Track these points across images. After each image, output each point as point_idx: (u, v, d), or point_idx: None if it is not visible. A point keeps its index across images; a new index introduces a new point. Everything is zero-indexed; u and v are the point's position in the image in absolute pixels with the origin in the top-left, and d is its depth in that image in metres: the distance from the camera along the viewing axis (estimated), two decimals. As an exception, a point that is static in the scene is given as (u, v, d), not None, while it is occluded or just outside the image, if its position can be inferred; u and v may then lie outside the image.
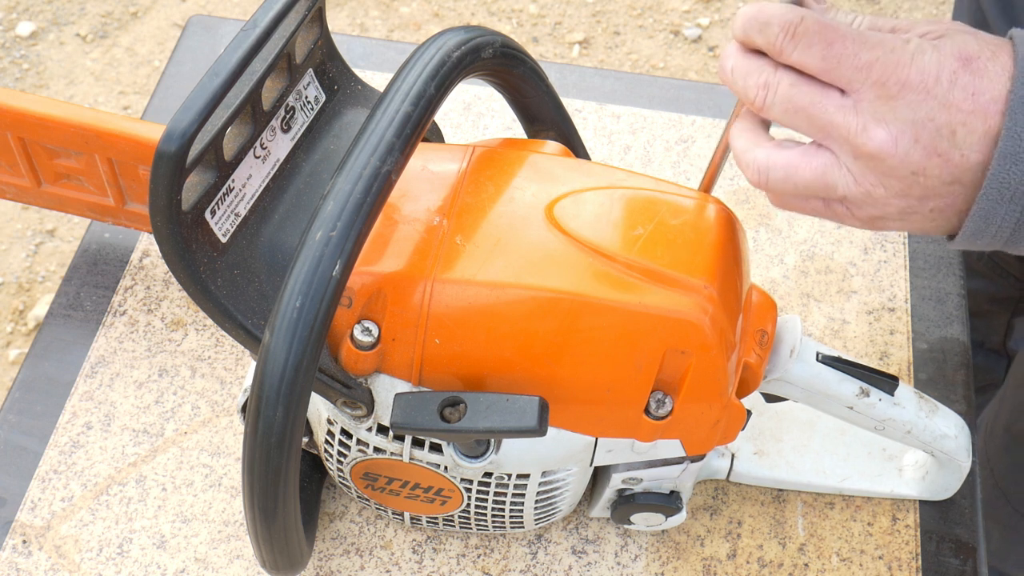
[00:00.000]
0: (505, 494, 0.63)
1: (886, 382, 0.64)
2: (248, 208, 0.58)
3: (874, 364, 0.79)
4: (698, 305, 0.55)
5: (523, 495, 0.63)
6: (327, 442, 0.63)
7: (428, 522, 0.68)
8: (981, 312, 1.06)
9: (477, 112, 0.92)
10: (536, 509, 0.65)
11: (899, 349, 0.80)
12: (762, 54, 0.53)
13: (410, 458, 0.61)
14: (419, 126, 0.54)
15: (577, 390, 0.57)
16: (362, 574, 0.70)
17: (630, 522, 0.68)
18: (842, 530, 0.72)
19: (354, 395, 0.57)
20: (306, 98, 0.63)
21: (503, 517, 0.65)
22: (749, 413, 0.61)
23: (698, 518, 0.72)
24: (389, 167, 0.52)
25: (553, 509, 0.66)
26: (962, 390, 0.78)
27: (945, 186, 0.51)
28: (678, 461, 0.63)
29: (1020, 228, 0.51)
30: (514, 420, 0.54)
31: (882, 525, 0.72)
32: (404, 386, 0.57)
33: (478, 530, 0.68)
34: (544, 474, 0.62)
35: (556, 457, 0.60)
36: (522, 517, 0.65)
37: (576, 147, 0.70)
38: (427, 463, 0.61)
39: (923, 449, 0.68)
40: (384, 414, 0.58)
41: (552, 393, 0.56)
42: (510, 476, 0.61)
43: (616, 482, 0.65)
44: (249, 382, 0.64)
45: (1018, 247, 0.53)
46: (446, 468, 0.61)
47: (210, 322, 0.80)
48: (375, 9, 2.15)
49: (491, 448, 0.59)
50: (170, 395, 0.76)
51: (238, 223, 0.58)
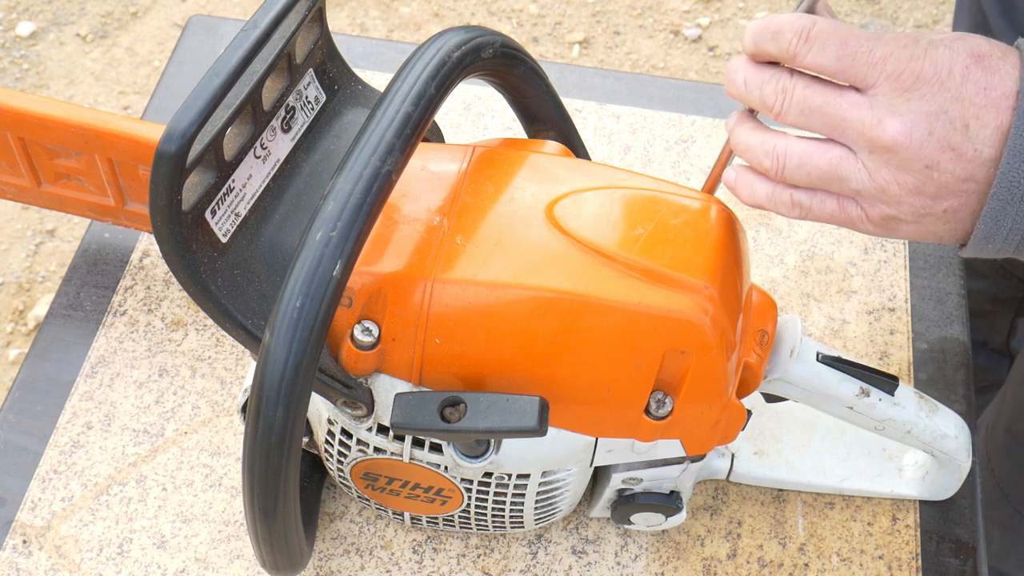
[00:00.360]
0: (505, 494, 0.63)
1: (886, 382, 0.64)
2: (248, 208, 0.58)
3: (874, 364, 0.79)
4: (698, 305, 0.55)
5: (523, 495, 0.63)
6: (327, 442, 0.63)
7: (428, 522, 0.68)
8: (984, 312, 1.06)
9: (477, 112, 0.92)
10: (536, 509, 0.65)
11: (899, 349, 0.80)
12: (772, 65, 0.54)
13: (410, 458, 0.61)
14: (419, 126, 0.54)
15: (577, 390, 0.57)
16: (362, 574, 0.70)
17: (630, 522, 0.68)
18: (842, 530, 0.72)
19: (354, 395, 0.57)
20: (306, 98, 0.63)
21: (503, 517, 0.65)
22: (749, 413, 0.61)
23: (698, 518, 0.72)
24: (389, 167, 0.52)
25: (553, 509, 0.66)
26: (962, 390, 0.78)
27: (959, 183, 0.52)
28: (678, 461, 0.63)
29: None
30: (514, 420, 0.54)
31: (882, 525, 0.72)
32: (404, 386, 0.57)
33: (478, 530, 0.68)
34: (544, 474, 0.62)
35: (556, 457, 0.60)
36: (522, 517, 0.65)
37: (576, 147, 0.70)
38: (427, 463, 0.61)
39: (923, 449, 0.68)
40: (384, 414, 0.58)
41: (552, 393, 0.56)
42: (510, 476, 0.61)
43: (616, 482, 0.65)
44: (249, 382, 0.64)
45: None
46: (446, 468, 0.61)
47: (210, 322, 0.80)
48: (375, 9, 2.15)
49: (491, 448, 0.59)
50: (170, 395, 0.76)
51: (238, 223, 0.58)
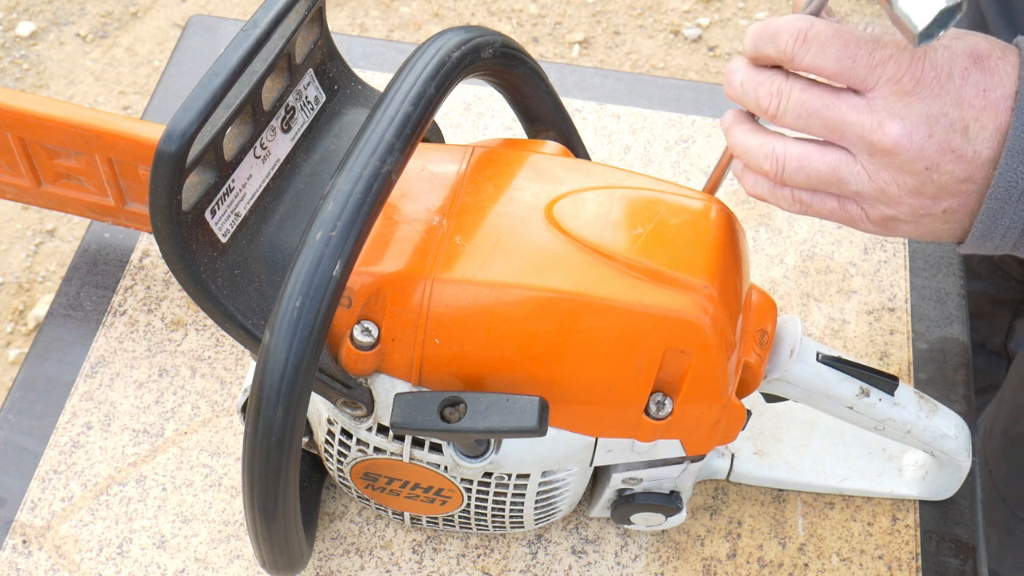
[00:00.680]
0: (505, 494, 0.63)
1: (886, 382, 0.64)
2: (248, 208, 0.58)
3: (874, 364, 0.79)
4: (698, 305, 0.55)
5: (523, 495, 0.63)
6: (327, 442, 0.63)
7: (428, 522, 0.68)
8: (982, 314, 1.06)
9: (477, 112, 0.92)
10: (536, 509, 0.65)
11: (899, 349, 0.80)
12: (771, 68, 0.54)
13: (410, 458, 0.61)
14: (419, 126, 0.54)
15: (577, 390, 0.57)
16: (362, 574, 0.70)
17: (630, 522, 0.68)
18: (842, 530, 0.72)
19: (354, 395, 0.57)
20: (306, 98, 0.63)
21: (503, 517, 0.65)
22: (749, 413, 0.61)
23: (698, 518, 0.72)
24: (389, 167, 0.52)
25: (553, 509, 0.66)
26: (962, 390, 0.78)
27: (958, 184, 0.52)
28: (678, 461, 0.63)
29: None
30: (514, 420, 0.54)
31: (882, 525, 0.72)
32: (404, 386, 0.57)
33: (478, 530, 0.68)
34: (544, 474, 0.62)
35: (556, 457, 0.60)
36: (522, 517, 0.65)
37: (576, 147, 0.70)
38: (427, 463, 0.61)
39: (923, 449, 0.68)
40: (384, 414, 0.58)
41: (552, 393, 0.56)
42: (510, 476, 0.61)
43: (616, 482, 0.65)
44: (249, 382, 0.64)
45: None
46: (446, 468, 0.61)
47: (210, 322, 0.80)
48: (375, 9, 2.15)
49: (491, 448, 0.59)
50: (170, 395, 0.76)
51: (238, 223, 0.58)
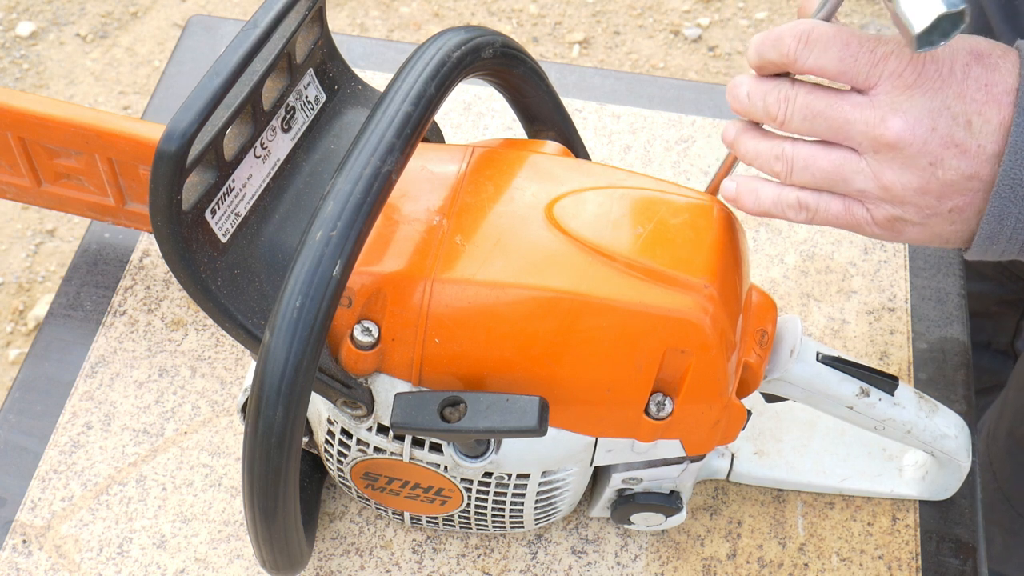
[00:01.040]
0: (505, 494, 0.63)
1: (886, 382, 0.64)
2: (248, 208, 0.58)
3: (874, 364, 0.79)
4: (698, 305, 0.55)
5: (523, 495, 0.63)
6: (327, 442, 0.63)
7: (428, 522, 0.68)
8: (989, 313, 1.06)
9: (477, 112, 0.92)
10: (536, 509, 0.65)
11: (899, 349, 0.80)
12: (775, 77, 0.55)
13: (410, 458, 0.61)
14: (419, 126, 0.54)
15: (577, 390, 0.57)
16: (362, 574, 0.70)
17: (630, 522, 0.68)
18: (842, 530, 0.72)
19: (354, 395, 0.57)
20: (306, 98, 0.63)
21: (503, 517, 0.65)
22: (749, 413, 0.61)
23: (698, 518, 0.72)
24: (389, 167, 0.52)
25: (553, 509, 0.66)
26: (962, 390, 0.78)
27: (964, 181, 0.52)
28: (678, 461, 0.63)
29: None
30: (514, 420, 0.54)
31: (882, 525, 0.72)
32: (404, 386, 0.57)
33: (478, 530, 0.68)
34: (544, 474, 0.62)
35: (556, 457, 0.60)
36: (522, 517, 0.65)
37: (576, 147, 0.70)
38: (427, 463, 0.61)
39: (923, 449, 0.68)
40: (384, 414, 0.58)
41: (552, 393, 0.56)
42: (510, 476, 0.61)
43: (616, 482, 0.65)
44: (249, 382, 0.64)
45: None
46: (446, 468, 0.61)
47: (210, 322, 0.80)
48: (375, 9, 2.15)
49: (491, 448, 0.59)
50: (170, 395, 0.76)
51: (238, 223, 0.58)
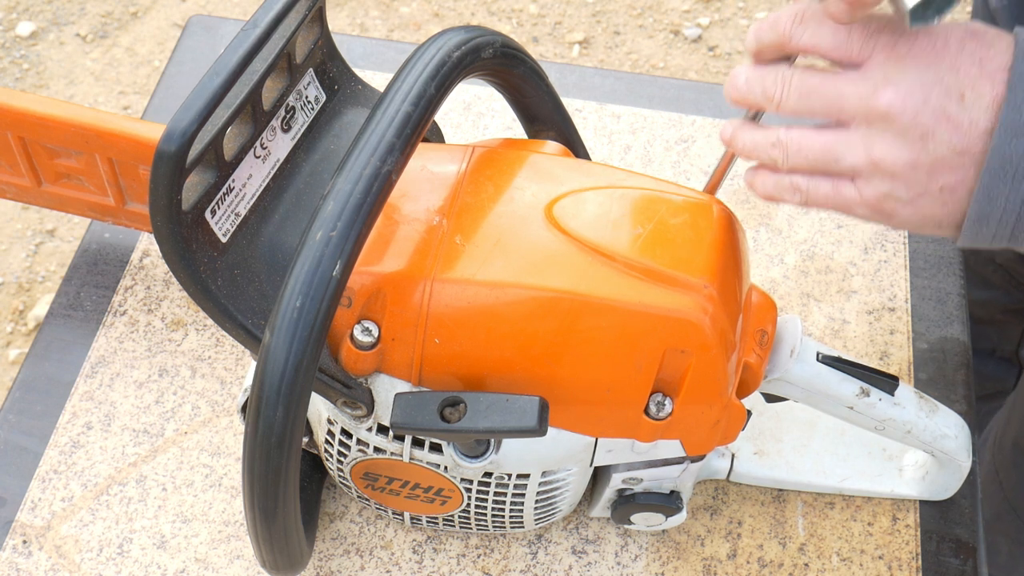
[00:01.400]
0: (505, 494, 0.63)
1: (886, 382, 0.64)
2: (248, 208, 0.58)
3: (874, 364, 0.79)
4: (698, 305, 0.55)
5: (523, 495, 0.63)
6: (327, 442, 0.63)
7: (428, 522, 0.68)
8: (995, 321, 1.06)
9: (477, 112, 0.92)
10: (536, 509, 0.65)
11: (899, 349, 0.80)
12: (773, 63, 0.55)
13: (410, 458, 0.61)
14: (419, 126, 0.54)
15: (577, 390, 0.57)
16: (362, 574, 0.70)
17: (630, 522, 0.68)
18: (842, 530, 0.72)
19: (354, 395, 0.57)
20: (306, 98, 0.63)
21: (503, 517, 0.65)
22: (749, 413, 0.61)
23: (698, 518, 0.72)
24: (389, 167, 0.52)
25: (553, 509, 0.66)
26: (962, 390, 0.78)
27: (955, 156, 0.51)
28: (678, 461, 0.63)
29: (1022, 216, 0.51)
30: (514, 420, 0.54)
31: (882, 525, 0.72)
32: (404, 386, 0.57)
33: (478, 530, 0.68)
34: (544, 474, 0.62)
35: (556, 457, 0.60)
36: (522, 517, 0.65)
37: (576, 147, 0.70)
38: (427, 463, 0.61)
39: (923, 449, 0.68)
40: (384, 414, 0.58)
41: (552, 393, 0.56)
42: (510, 476, 0.61)
43: (616, 482, 0.65)
44: (249, 382, 0.64)
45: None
46: (446, 468, 0.61)
47: (210, 322, 0.80)
48: (375, 9, 2.15)
49: (491, 448, 0.59)
50: (170, 395, 0.76)
51: (238, 223, 0.58)
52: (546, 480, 0.62)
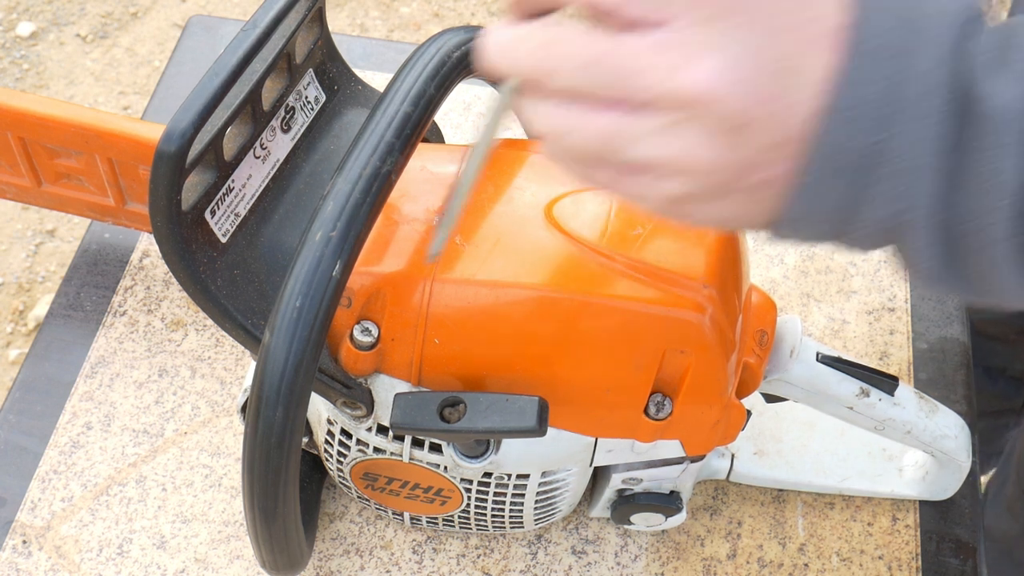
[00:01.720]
0: (505, 494, 0.63)
1: (886, 382, 0.64)
2: (248, 208, 0.58)
3: (874, 364, 0.79)
4: (697, 305, 0.55)
5: (523, 495, 0.63)
6: (327, 442, 0.63)
7: (428, 522, 0.68)
8: (1008, 340, 1.05)
9: (477, 112, 0.92)
10: (536, 509, 0.65)
11: (899, 349, 0.80)
12: (538, 18, 0.41)
13: (410, 458, 0.61)
14: (419, 126, 0.54)
15: (577, 390, 0.57)
16: (362, 574, 0.70)
17: (630, 522, 0.68)
18: (842, 530, 0.72)
19: (354, 395, 0.57)
20: (306, 98, 0.63)
21: (503, 517, 0.65)
22: (749, 413, 0.61)
23: (698, 518, 0.72)
24: (389, 167, 0.52)
25: (553, 509, 0.66)
26: (962, 390, 0.78)
27: (776, 148, 0.39)
28: (678, 461, 0.63)
29: (862, 209, 0.40)
30: (514, 420, 0.54)
31: (882, 525, 0.72)
32: (404, 386, 0.57)
33: (478, 530, 0.68)
34: (544, 474, 0.62)
35: (556, 457, 0.60)
36: (522, 517, 0.65)
37: (576, 147, 0.69)
38: (427, 463, 0.61)
39: (923, 449, 0.68)
40: (384, 414, 0.58)
41: (552, 393, 0.56)
42: (510, 476, 0.61)
43: (616, 482, 0.65)
44: (249, 382, 0.64)
45: (856, 242, 0.42)
46: (446, 468, 0.61)
47: (210, 322, 0.80)
48: (375, 9, 2.15)
49: (491, 448, 0.59)
50: (170, 395, 0.76)
51: (238, 223, 0.58)
52: (546, 480, 0.62)
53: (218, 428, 0.75)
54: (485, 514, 0.65)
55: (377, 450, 0.61)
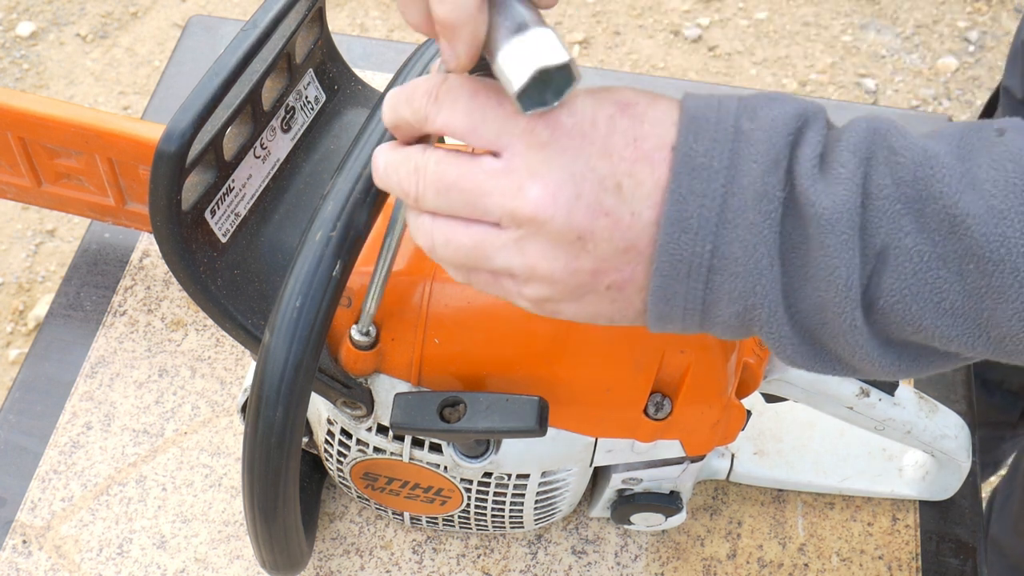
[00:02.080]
0: (505, 494, 0.63)
1: (886, 382, 0.64)
2: (248, 208, 0.58)
3: (874, 364, 0.79)
4: (698, 305, 0.55)
5: (523, 495, 0.63)
6: (327, 442, 0.63)
7: (428, 522, 0.68)
8: None
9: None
10: (536, 509, 0.65)
11: (899, 349, 0.80)
12: (414, 144, 0.46)
13: (410, 458, 0.61)
14: (419, 126, 0.54)
15: (577, 390, 0.57)
16: (362, 574, 0.70)
17: (630, 522, 0.68)
18: (842, 530, 0.72)
19: (354, 395, 0.57)
20: (306, 98, 0.63)
21: (503, 517, 0.65)
22: (749, 413, 0.61)
23: (698, 518, 0.72)
24: (389, 167, 0.52)
25: (553, 509, 0.66)
26: (962, 390, 0.78)
27: (620, 255, 0.43)
28: (678, 461, 0.63)
29: (712, 308, 0.43)
30: (514, 420, 0.54)
31: (882, 525, 0.72)
32: (404, 386, 0.57)
33: (478, 530, 0.68)
34: (544, 474, 0.62)
35: (556, 457, 0.60)
36: (522, 517, 0.65)
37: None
38: (427, 463, 0.61)
39: (923, 449, 0.68)
40: (384, 414, 0.58)
41: (552, 393, 0.56)
42: (510, 476, 0.61)
43: (616, 482, 0.65)
44: (249, 382, 0.64)
45: (723, 334, 0.45)
46: (446, 468, 0.61)
47: (210, 322, 0.80)
48: (375, 9, 2.15)
49: (491, 448, 0.59)
50: (170, 395, 0.76)
51: (238, 223, 0.58)
52: (546, 480, 0.62)
53: (218, 428, 0.75)
54: (485, 514, 0.65)
55: (377, 450, 0.61)
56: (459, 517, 0.66)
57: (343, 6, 2.15)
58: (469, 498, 0.63)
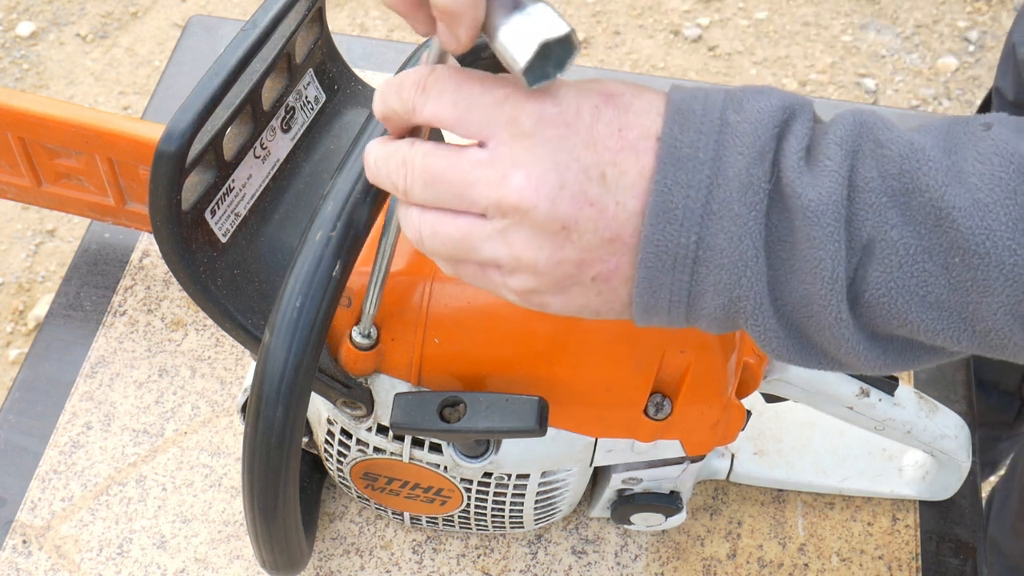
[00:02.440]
0: (505, 494, 0.63)
1: (886, 382, 0.64)
2: (248, 208, 0.58)
3: (874, 364, 0.79)
4: (698, 305, 0.55)
5: (523, 495, 0.63)
6: (327, 442, 0.63)
7: (428, 522, 0.68)
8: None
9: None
10: (536, 509, 0.65)
11: (899, 349, 0.80)
12: (404, 137, 0.47)
13: (410, 458, 0.61)
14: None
15: (577, 390, 0.57)
16: (362, 574, 0.70)
17: (630, 522, 0.68)
18: (842, 530, 0.72)
19: (354, 395, 0.57)
20: (306, 98, 0.63)
21: (503, 517, 0.65)
22: (749, 413, 0.61)
23: (698, 518, 0.72)
24: (389, 167, 0.52)
25: (553, 509, 0.66)
26: (962, 390, 0.78)
27: (605, 245, 0.43)
28: (678, 461, 0.63)
29: (698, 300, 0.43)
30: (514, 420, 0.54)
31: (882, 525, 0.72)
32: (404, 386, 0.57)
33: (478, 530, 0.68)
34: (544, 474, 0.62)
35: (556, 457, 0.60)
36: (522, 517, 0.65)
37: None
38: (427, 463, 0.61)
39: (923, 449, 0.68)
40: (384, 414, 0.58)
41: (552, 393, 0.56)
42: (510, 476, 0.61)
43: (616, 482, 0.65)
44: (249, 382, 0.64)
45: (708, 327, 0.45)
46: (446, 468, 0.61)
47: (210, 322, 0.80)
48: (375, 9, 2.15)
49: (491, 448, 0.59)
50: (170, 395, 0.76)
51: (238, 223, 0.58)
52: (546, 480, 0.62)
53: (218, 428, 0.75)
54: (485, 514, 0.65)
55: (377, 450, 0.61)
56: (459, 517, 0.66)
57: (343, 6, 2.15)
58: (469, 498, 0.63)
